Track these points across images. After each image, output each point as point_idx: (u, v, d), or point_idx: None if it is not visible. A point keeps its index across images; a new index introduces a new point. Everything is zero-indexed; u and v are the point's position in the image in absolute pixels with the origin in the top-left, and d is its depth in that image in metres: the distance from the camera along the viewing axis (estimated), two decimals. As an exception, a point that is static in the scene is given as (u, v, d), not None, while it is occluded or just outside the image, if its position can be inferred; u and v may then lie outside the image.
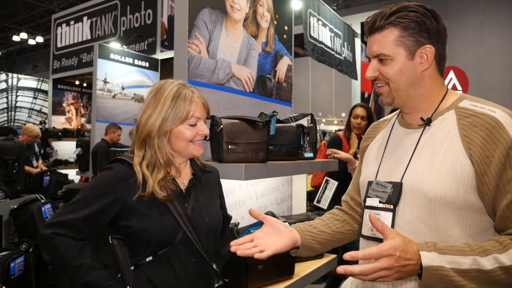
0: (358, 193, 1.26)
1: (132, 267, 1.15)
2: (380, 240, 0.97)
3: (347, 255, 0.82)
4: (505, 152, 0.88)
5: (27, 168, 4.63)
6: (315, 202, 2.63)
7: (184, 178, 1.25)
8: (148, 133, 1.17)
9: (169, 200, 1.16)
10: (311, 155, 2.14)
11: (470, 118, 0.94)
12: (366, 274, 0.81)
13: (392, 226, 0.99)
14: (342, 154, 2.06)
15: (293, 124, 2.06)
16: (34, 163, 5.17)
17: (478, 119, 0.93)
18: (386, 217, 1.01)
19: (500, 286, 0.86)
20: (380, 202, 1.03)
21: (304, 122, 2.17)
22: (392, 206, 1.00)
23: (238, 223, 1.84)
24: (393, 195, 1.00)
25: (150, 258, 1.14)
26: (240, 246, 1.02)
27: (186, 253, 1.17)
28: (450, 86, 6.26)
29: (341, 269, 0.80)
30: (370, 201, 1.06)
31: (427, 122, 1.01)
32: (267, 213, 2.00)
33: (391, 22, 0.98)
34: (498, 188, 0.89)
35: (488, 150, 0.89)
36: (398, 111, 1.16)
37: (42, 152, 6.07)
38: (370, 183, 1.09)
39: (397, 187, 1.00)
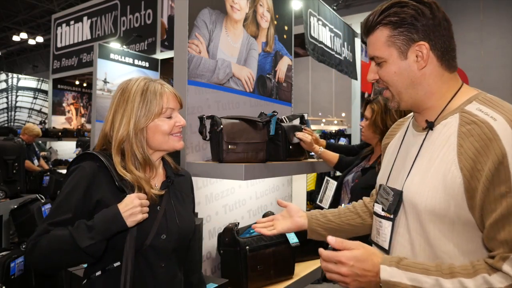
0: None
1: (99, 272, 1.10)
2: (382, 248, 1.01)
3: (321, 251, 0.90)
4: (493, 168, 0.79)
5: (30, 165, 4.63)
6: (317, 202, 2.64)
7: (156, 181, 1.21)
8: (125, 135, 1.13)
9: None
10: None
11: (471, 125, 0.85)
12: (322, 267, 0.89)
13: (391, 235, 0.98)
14: (307, 139, 2.02)
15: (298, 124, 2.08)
16: (35, 162, 5.17)
17: (477, 128, 0.84)
18: (386, 226, 1.00)
19: None
20: (382, 209, 1.01)
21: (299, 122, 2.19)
22: (391, 216, 0.98)
23: (238, 223, 1.85)
24: (393, 204, 0.97)
25: (118, 263, 1.08)
26: (257, 225, 1.26)
27: (156, 257, 1.12)
28: (450, 86, 6.23)
29: (321, 249, 0.90)
30: (376, 207, 1.04)
31: (430, 126, 0.95)
32: (267, 213, 2.01)
33: (381, 22, 0.94)
34: (485, 205, 0.81)
35: (480, 164, 0.81)
36: None
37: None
38: (380, 186, 1.07)
39: (397, 196, 0.97)
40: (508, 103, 0.89)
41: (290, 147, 1.94)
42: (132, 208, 1.02)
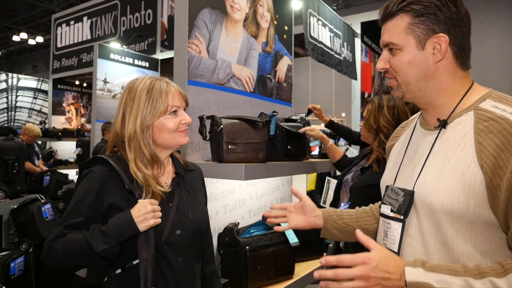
0: None
1: (119, 270, 1.13)
2: (390, 251, 0.95)
3: (322, 260, 0.81)
4: None
5: (30, 166, 4.64)
6: (321, 203, 2.66)
7: (166, 177, 1.24)
8: (132, 132, 1.15)
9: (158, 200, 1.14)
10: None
11: (488, 122, 0.83)
12: (339, 280, 0.79)
13: (401, 237, 0.94)
14: (315, 132, 2.12)
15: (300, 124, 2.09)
16: (36, 162, 5.18)
17: (496, 124, 0.81)
18: (395, 228, 0.95)
19: None
20: (391, 210, 0.97)
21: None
22: (401, 217, 0.93)
23: (238, 223, 1.84)
24: (403, 205, 0.93)
25: (137, 261, 1.10)
26: (271, 213, 1.22)
27: (172, 253, 1.15)
28: (450, 86, 6.24)
29: (316, 273, 0.82)
30: (384, 209, 1.00)
31: (443, 124, 0.91)
32: (267, 213, 2.01)
33: (403, 8, 0.90)
34: (510, 203, 0.78)
35: (502, 160, 0.78)
36: None
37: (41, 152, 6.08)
38: (387, 188, 1.03)
39: (408, 196, 0.93)
40: None
41: (289, 147, 1.94)
42: (145, 214, 1.05)
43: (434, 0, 0.88)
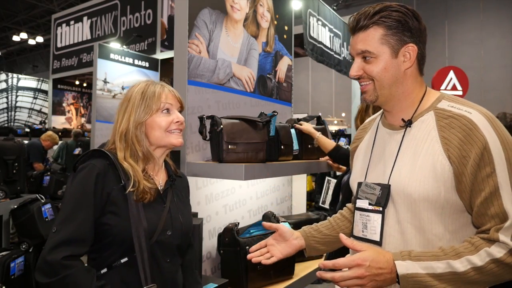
0: None
1: (105, 269, 1.11)
2: (370, 241, 1.06)
3: (320, 264, 0.91)
4: (479, 153, 0.91)
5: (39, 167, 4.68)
6: (320, 203, 2.65)
7: (160, 178, 1.26)
8: (125, 128, 1.19)
9: (149, 198, 1.15)
10: None
11: (448, 119, 0.98)
12: (337, 281, 0.90)
13: (382, 227, 1.04)
14: (304, 126, 2.10)
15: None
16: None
17: (456, 121, 0.96)
18: (375, 219, 1.05)
19: (477, 285, 0.91)
20: (369, 204, 1.07)
21: (313, 124, 2.22)
22: (381, 208, 1.04)
23: (238, 223, 1.85)
24: (382, 197, 1.04)
25: (125, 259, 1.11)
26: (253, 254, 1.24)
27: (162, 253, 1.16)
28: (450, 86, 6.26)
29: (318, 274, 0.94)
30: (360, 203, 1.10)
31: (408, 123, 1.04)
32: (267, 213, 2.01)
33: (375, 22, 1.01)
34: (474, 187, 0.93)
35: (465, 151, 0.93)
36: (381, 111, 1.21)
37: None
38: (359, 184, 1.13)
39: (385, 189, 1.03)
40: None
41: (282, 147, 1.93)
42: None
43: (401, 14, 1.01)
